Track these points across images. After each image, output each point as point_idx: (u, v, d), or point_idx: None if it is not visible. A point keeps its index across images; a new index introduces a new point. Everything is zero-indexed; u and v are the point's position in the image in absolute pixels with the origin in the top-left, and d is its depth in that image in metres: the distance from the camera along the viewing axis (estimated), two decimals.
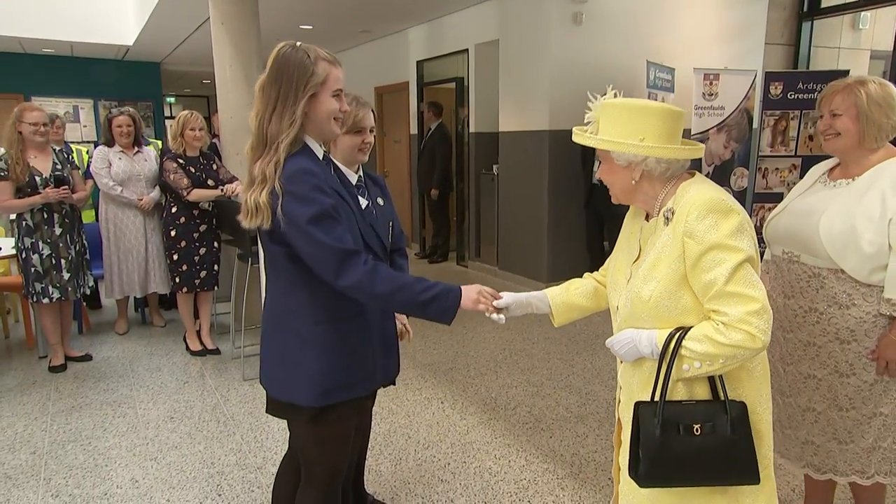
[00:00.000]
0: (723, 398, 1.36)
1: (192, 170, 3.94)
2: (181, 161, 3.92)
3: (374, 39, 8.09)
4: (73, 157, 4.05)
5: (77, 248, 3.81)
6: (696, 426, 1.34)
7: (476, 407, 3.32)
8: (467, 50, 6.42)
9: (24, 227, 3.61)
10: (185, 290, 4.06)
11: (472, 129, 6.55)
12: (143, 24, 7.09)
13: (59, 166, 3.70)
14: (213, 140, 4.70)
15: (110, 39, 8.06)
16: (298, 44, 1.52)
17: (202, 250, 4.04)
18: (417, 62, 7.27)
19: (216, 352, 4.15)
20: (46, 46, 8.38)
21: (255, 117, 1.51)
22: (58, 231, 3.67)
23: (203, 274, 4.06)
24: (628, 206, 1.57)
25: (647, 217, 1.49)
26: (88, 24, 7.78)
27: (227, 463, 2.77)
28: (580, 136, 1.46)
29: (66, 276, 3.70)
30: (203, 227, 4.03)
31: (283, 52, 1.50)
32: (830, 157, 1.93)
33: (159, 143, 5.60)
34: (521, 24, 5.60)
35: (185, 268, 4.01)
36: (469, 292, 1.57)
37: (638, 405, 1.40)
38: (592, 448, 2.88)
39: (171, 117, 4.65)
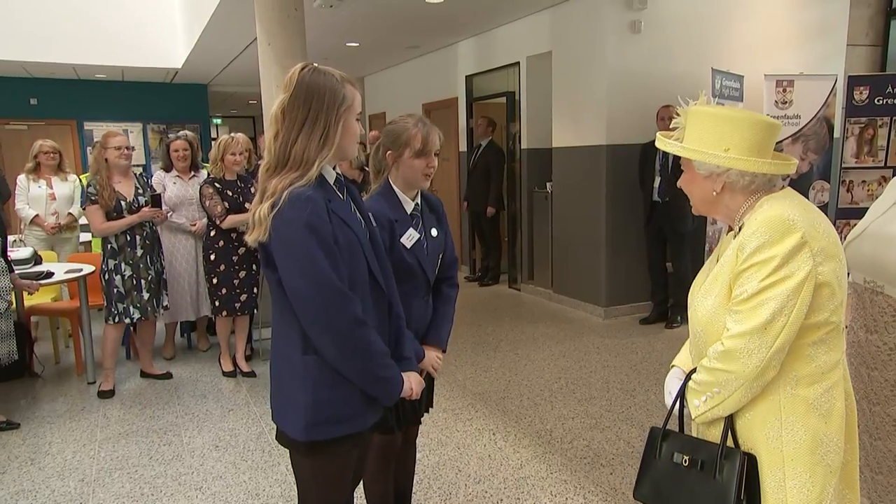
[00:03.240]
0: (735, 445, 1.38)
1: (230, 193, 4.15)
2: (218, 186, 4.13)
3: (422, 55, 8.29)
4: (151, 182, 4.36)
5: (156, 268, 4.12)
6: (685, 457, 1.41)
7: (530, 439, 3.32)
8: (518, 63, 6.51)
9: (108, 249, 3.95)
10: (224, 314, 4.24)
11: (524, 146, 6.61)
12: (191, 47, 7.53)
13: (140, 190, 4.03)
14: (260, 161, 4.91)
15: (160, 63, 8.63)
16: (316, 65, 1.58)
17: (242, 273, 4.22)
18: (466, 77, 7.41)
19: (251, 374, 4.32)
20: (99, 72, 9.00)
21: (275, 139, 1.54)
22: (139, 252, 3.99)
23: (244, 297, 4.24)
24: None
25: (730, 230, 1.51)
26: (140, 48, 8.36)
27: (272, 494, 2.86)
28: (662, 142, 1.49)
29: (146, 296, 4.01)
30: (242, 251, 4.20)
31: (308, 74, 1.55)
32: None
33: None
34: (575, 34, 5.65)
35: (224, 292, 4.19)
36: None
37: (652, 428, 1.53)
38: None
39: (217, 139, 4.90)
